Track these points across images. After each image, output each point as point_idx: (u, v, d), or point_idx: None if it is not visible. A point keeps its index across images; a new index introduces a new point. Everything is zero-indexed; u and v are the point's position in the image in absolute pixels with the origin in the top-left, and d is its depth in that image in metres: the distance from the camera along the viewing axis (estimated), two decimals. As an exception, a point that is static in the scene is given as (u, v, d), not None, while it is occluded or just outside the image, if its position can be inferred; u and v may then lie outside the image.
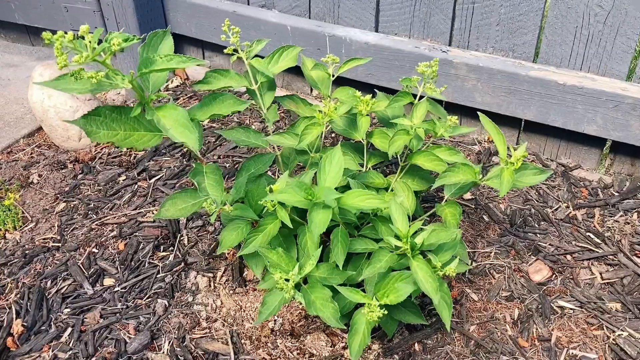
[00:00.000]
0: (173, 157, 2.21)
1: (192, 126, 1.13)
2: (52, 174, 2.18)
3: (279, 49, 1.50)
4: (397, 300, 1.27)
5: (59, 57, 1.01)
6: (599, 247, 1.75)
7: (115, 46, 1.05)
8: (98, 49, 1.04)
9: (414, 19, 2.10)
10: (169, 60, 1.11)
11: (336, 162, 1.31)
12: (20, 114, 2.55)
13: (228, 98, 1.25)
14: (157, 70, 1.11)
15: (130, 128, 1.21)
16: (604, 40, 1.82)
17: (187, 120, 1.13)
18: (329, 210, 1.24)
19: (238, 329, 1.59)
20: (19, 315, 1.66)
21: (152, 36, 1.19)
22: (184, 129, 1.13)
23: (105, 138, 1.20)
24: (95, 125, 1.18)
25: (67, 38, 1.02)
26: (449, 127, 1.49)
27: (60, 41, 1.01)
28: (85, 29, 1.03)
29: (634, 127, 1.84)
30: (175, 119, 1.09)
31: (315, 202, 1.25)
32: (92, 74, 1.05)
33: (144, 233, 1.89)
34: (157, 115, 1.14)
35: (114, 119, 1.19)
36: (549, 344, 1.51)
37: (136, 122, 1.23)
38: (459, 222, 1.44)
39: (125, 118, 1.21)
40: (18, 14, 2.70)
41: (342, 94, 1.55)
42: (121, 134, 1.21)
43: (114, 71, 1.09)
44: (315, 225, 1.22)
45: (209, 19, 2.46)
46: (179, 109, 1.14)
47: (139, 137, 1.22)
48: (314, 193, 1.26)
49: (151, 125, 1.23)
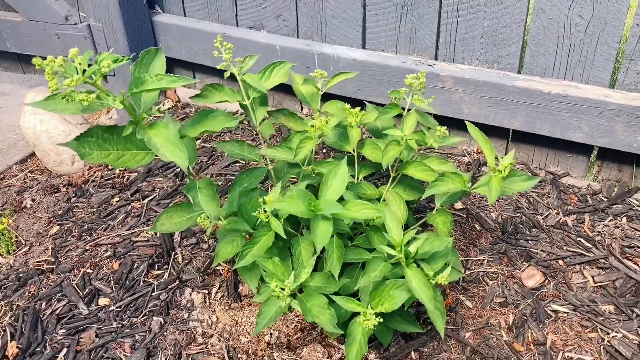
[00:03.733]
0: (166, 177, 2.23)
1: (182, 145, 1.15)
2: (45, 198, 2.19)
3: (270, 65, 1.53)
4: (392, 307, 1.28)
5: (51, 81, 1.02)
6: (590, 252, 1.77)
7: (105, 67, 1.07)
8: (88, 72, 1.06)
9: (399, 35, 2.14)
10: (159, 80, 1.13)
11: (340, 175, 1.33)
12: (12, 140, 2.57)
13: (219, 115, 1.27)
14: (148, 90, 1.13)
15: (123, 147, 1.23)
16: (586, 49, 1.87)
17: (177, 139, 1.14)
18: (330, 222, 1.27)
19: (234, 343, 1.59)
20: (13, 337, 1.65)
21: (145, 54, 1.21)
22: (175, 147, 1.14)
23: (98, 159, 1.21)
24: (87, 147, 1.19)
25: (57, 62, 1.03)
26: (438, 137, 1.51)
27: (51, 65, 1.02)
28: (75, 52, 1.05)
29: (619, 133, 1.87)
30: (167, 138, 1.11)
31: (317, 214, 1.27)
32: (83, 97, 1.07)
33: (138, 252, 1.89)
34: (148, 134, 1.15)
35: (106, 139, 1.21)
36: (544, 347, 1.52)
37: (128, 142, 1.24)
38: (450, 230, 1.46)
39: (118, 138, 1.22)
40: (9, 42, 2.73)
41: (332, 108, 1.58)
42: (114, 154, 1.22)
43: (105, 92, 1.11)
44: (317, 237, 1.25)
45: (199, 41, 2.50)
46: (170, 127, 1.16)
47: (131, 157, 1.23)
48: (317, 204, 1.28)
49: (143, 144, 1.25)
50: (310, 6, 2.25)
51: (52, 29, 2.56)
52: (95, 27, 2.44)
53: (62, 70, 1.00)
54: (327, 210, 1.27)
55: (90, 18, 2.45)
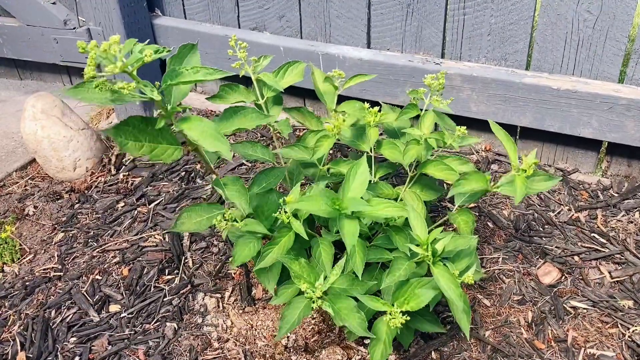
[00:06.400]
0: (171, 181, 2.19)
1: (222, 136, 1.12)
2: (47, 205, 2.15)
3: (284, 64, 1.51)
4: (419, 306, 1.27)
5: (90, 65, 1.00)
6: (605, 247, 1.77)
7: (148, 57, 1.04)
8: (130, 59, 1.03)
9: (405, 34, 2.13)
10: (196, 73, 1.10)
11: (361, 173, 1.32)
12: (11, 147, 2.52)
13: (250, 112, 1.24)
14: (184, 82, 1.10)
15: (154, 141, 1.19)
16: (594, 44, 1.87)
17: (215, 131, 1.12)
18: (356, 221, 1.25)
19: (251, 347, 1.57)
20: (23, 347, 1.61)
21: (182, 48, 1.20)
22: (213, 140, 1.11)
23: (134, 149, 1.17)
24: (124, 136, 1.15)
25: (102, 48, 1.00)
26: (457, 137, 1.50)
27: (95, 51, 1.00)
28: (116, 39, 1.02)
29: (629, 128, 1.87)
30: (202, 131, 1.09)
31: (341, 212, 1.25)
32: (124, 85, 1.04)
33: (148, 257, 1.86)
34: (182, 127, 1.13)
35: (141, 130, 1.17)
36: (565, 344, 1.51)
37: (159, 135, 1.20)
38: (472, 230, 1.45)
39: (151, 130, 1.18)
40: (6, 47, 2.68)
41: (348, 107, 1.56)
42: (146, 146, 1.18)
43: (143, 83, 1.08)
44: (346, 236, 1.23)
45: (200, 43, 2.47)
46: (204, 120, 1.13)
47: (162, 150, 1.20)
48: (341, 203, 1.26)
49: (171, 138, 1.22)
50: (314, 6, 2.23)
51: (50, 33, 2.52)
52: (95, 31, 2.40)
53: (103, 57, 0.97)
54: (351, 208, 1.25)
55: (90, 22, 2.41)
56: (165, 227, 1.97)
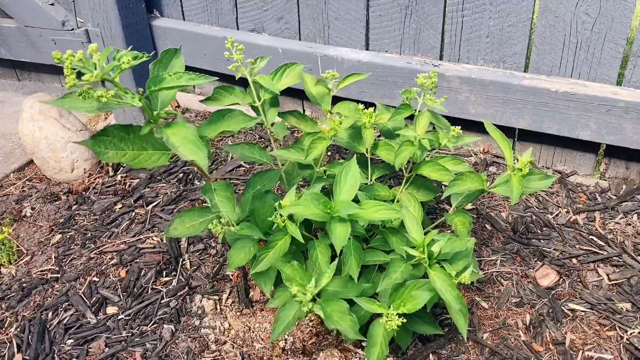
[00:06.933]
0: (169, 183, 2.19)
1: (201, 143, 1.12)
2: (45, 206, 2.14)
3: (281, 66, 1.50)
4: (415, 308, 1.26)
5: (69, 76, 1.00)
6: (603, 249, 1.76)
7: (126, 64, 1.05)
8: (108, 67, 1.03)
9: (404, 36, 2.13)
10: (179, 78, 1.10)
11: (351, 176, 1.31)
12: (9, 148, 2.52)
13: (237, 115, 1.24)
14: (167, 88, 1.10)
15: (139, 147, 1.20)
16: (593, 46, 1.86)
17: (196, 138, 1.12)
18: (347, 224, 1.24)
19: (248, 350, 1.56)
20: (20, 349, 1.61)
21: (164, 53, 1.19)
22: (193, 146, 1.11)
23: (114, 158, 1.17)
24: (103, 146, 1.16)
25: (77, 57, 1.01)
26: (452, 137, 1.50)
27: (70, 60, 1.00)
28: (94, 47, 1.03)
29: (627, 130, 1.87)
30: (184, 137, 1.08)
31: (333, 216, 1.25)
32: (102, 93, 1.04)
33: (145, 259, 1.85)
34: (166, 133, 1.12)
35: (122, 138, 1.18)
36: (563, 347, 1.51)
37: (144, 142, 1.21)
38: (469, 231, 1.44)
39: (134, 137, 1.19)
40: (4, 49, 2.68)
41: (343, 109, 1.56)
42: (130, 154, 1.19)
43: (124, 89, 1.08)
44: (336, 239, 1.22)
45: (198, 45, 2.47)
46: (188, 126, 1.13)
47: (147, 157, 1.20)
48: (332, 206, 1.25)
49: (159, 144, 1.22)
50: (312, 8, 2.23)
51: (48, 35, 2.52)
52: (93, 32, 2.40)
53: (80, 66, 0.97)
54: (342, 211, 1.24)
55: (88, 23, 2.41)
56: (162, 228, 1.97)
